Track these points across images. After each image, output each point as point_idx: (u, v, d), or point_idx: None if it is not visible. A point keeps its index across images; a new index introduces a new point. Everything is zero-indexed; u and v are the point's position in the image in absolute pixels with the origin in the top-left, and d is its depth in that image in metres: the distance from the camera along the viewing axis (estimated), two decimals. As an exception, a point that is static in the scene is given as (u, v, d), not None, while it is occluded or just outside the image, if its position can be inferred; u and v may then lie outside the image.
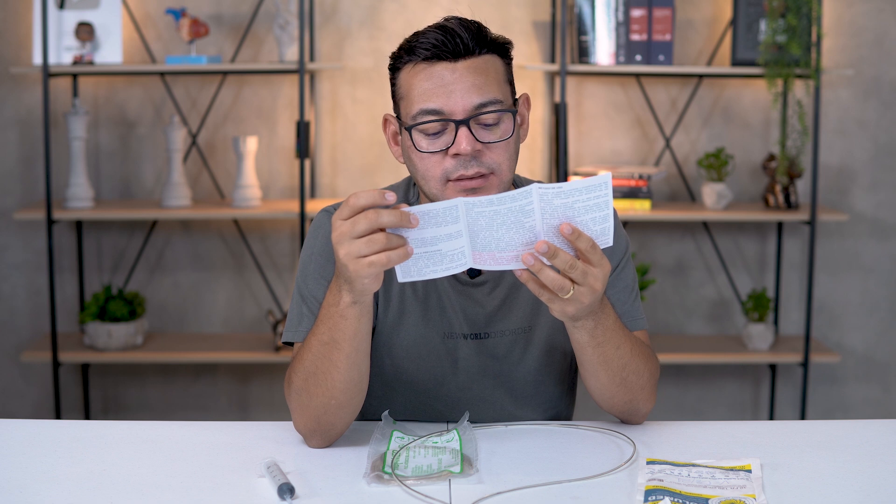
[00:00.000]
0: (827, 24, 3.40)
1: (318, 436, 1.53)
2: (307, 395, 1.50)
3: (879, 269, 3.59)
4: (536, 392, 1.68)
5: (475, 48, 1.55)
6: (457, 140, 1.52)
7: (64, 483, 1.38)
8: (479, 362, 1.66)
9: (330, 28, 3.47)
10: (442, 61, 1.53)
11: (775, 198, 3.35)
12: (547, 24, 3.45)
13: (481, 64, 1.55)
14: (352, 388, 1.50)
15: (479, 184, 1.53)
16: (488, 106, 1.53)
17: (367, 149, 3.49)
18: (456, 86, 1.52)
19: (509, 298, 1.66)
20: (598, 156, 3.51)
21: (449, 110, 1.52)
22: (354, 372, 1.49)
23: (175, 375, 3.58)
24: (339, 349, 1.46)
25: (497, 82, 1.56)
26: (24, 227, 3.49)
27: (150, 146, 3.49)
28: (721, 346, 3.46)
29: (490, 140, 1.54)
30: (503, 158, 1.55)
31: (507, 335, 1.66)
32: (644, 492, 1.34)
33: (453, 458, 1.44)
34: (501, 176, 1.55)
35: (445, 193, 1.54)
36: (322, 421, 1.51)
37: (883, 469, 1.46)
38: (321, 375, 1.48)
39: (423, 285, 1.64)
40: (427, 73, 1.54)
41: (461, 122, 1.52)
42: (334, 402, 1.50)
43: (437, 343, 1.65)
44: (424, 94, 1.53)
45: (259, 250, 3.53)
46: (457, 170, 1.53)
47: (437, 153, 1.54)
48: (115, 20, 3.31)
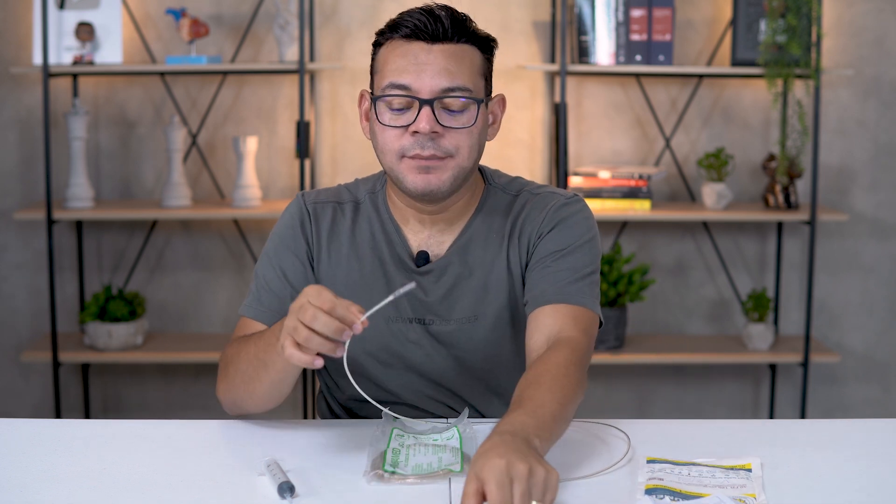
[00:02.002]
0: (827, 24, 3.40)
1: (232, 410, 1.64)
2: (233, 384, 1.60)
3: (879, 269, 3.59)
4: (486, 382, 1.71)
5: (453, 35, 1.59)
6: (418, 118, 1.56)
7: (64, 482, 1.38)
8: (429, 346, 1.68)
9: (330, 28, 3.47)
10: (419, 41, 1.58)
11: (775, 198, 3.35)
12: (547, 24, 3.45)
13: (457, 51, 1.59)
14: (272, 397, 1.58)
15: (433, 163, 1.58)
16: (455, 91, 1.57)
17: (367, 149, 3.48)
18: (427, 67, 1.57)
19: (455, 288, 1.67)
20: (598, 156, 3.51)
21: (416, 88, 1.57)
22: (275, 392, 1.57)
23: (175, 375, 3.58)
24: (266, 371, 1.53)
25: (470, 72, 1.60)
26: (24, 227, 3.49)
27: (150, 146, 3.49)
28: (721, 346, 3.46)
29: (451, 125, 1.58)
30: (463, 145, 1.59)
31: (451, 323, 1.68)
32: (644, 490, 1.34)
33: (453, 457, 1.44)
34: (460, 160, 1.59)
35: (401, 168, 1.59)
36: (239, 405, 1.62)
37: (883, 469, 1.46)
38: (247, 379, 1.57)
39: (370, 270, 1.68)
40: (403, 49, 1.59)
41: (425, 102, 1.56)
42: (252, 400, 1.59)
43: (383, 326, 1.67)
44: (396, 70, 1.58)
45: (259, 250, 3.53)
46: (413, 148, 1.58)
47: (398, 128, 1.59)
48: (115, 20, 3.31)
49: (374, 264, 1.69)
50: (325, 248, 1.70)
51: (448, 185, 1.60)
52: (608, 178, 3.32)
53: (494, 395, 1.73)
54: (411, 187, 1.59)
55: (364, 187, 1.75)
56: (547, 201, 1.69)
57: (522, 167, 3.44)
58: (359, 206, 1.73)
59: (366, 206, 1.72)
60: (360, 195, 1.74)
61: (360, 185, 1.76)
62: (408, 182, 1.59)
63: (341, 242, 1.70)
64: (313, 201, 1.73)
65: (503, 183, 1.74)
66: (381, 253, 1.69)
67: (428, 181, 1.58)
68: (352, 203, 1.73)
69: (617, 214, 3.28)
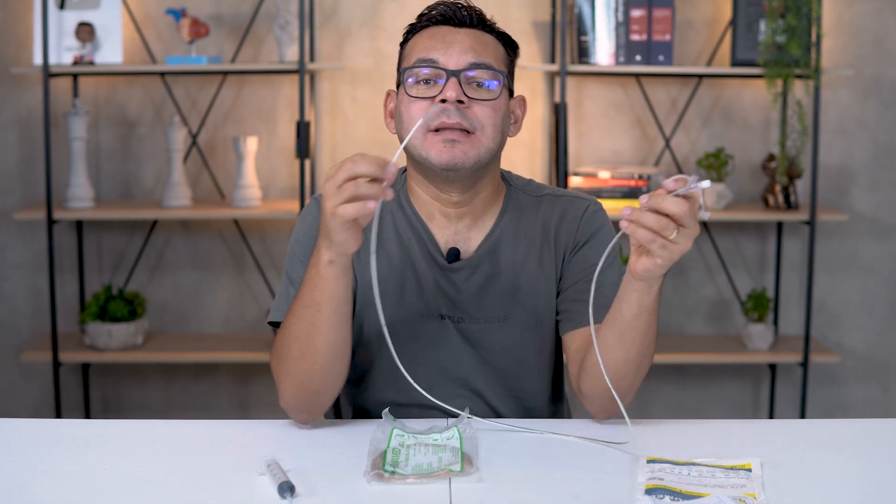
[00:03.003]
0: (827, 24, 3.40)
1: (304, 406, 1.57)
2: (291, 361, 1.54)
3: (879, 269, 3.59)
4: (510, 384, 1.71)
5: (479, 24, 1.66)
6: (445, 87, 1.59)
7: (64, 483, 1.38)
8: (457, 344, 1.68)
9: (330, 28, 3.47)
10: (447, 25, 1.65)
11: (775, 198, 3.35)
12: (547, 24, 3.45)
13: (483, 37, 1.66)
14: (334, 351, 1.53)
15: (459, 136, 1.59)
16: (482, 66, 1.61)
17: (367, 149, 3.48)
18: (455, 45, 1.62)
19: (486, 287, 1.68)
20: (598, 156, 3.51)
21: (444, 62, 1.61)
22: (334, 334, 1.52)
23: (175, 375, 3.58)
24: (319, 311, 1.49)
25: (495, 56, 1.65)
26: (24, 227, 3.49)
27: (150, 146, 3.49)
28: (721, 346, 3.46)
29: (477, 97, 1.60)
30: (488, 121, 1.61)
31: (481, 322, 1.68)
32: (644, 490, 1.34)
33: (454, 457, 1.44)
34: (483, 138, 1.61)
35: (425, 144, 1.60)
36: (307, 388, 1.55)
37: (883, 469, 1.46)
38: (304, 339, 1.52)
39: (399, 265, 1.68)
40: (431, 31, 1.65)
41: (452, 73, 1.60)
42: (318, 366, 1.53)
43: (415, 323, 1.67)
44: (425, 48, 1.63)
45: (259, 250, 3.53)
46: (439, 117, 1.58)
47: (425, 100, 1.61)
48: (115, 20, 3.31)
49: (403, 261, 1.68)
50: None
51: (472, 161, 1.60)
52: (608, 178, 3.32)
53: (515, 398, 1.72)
54: (436, 161, 1.59)
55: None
56: (577, 208, 1.72)
57: (522, 167, 3.44)
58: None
59: (387, 205, 1.71)
60: None
61: None
62: (432, 156, 1.59)
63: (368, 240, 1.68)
64: None
65: (522, 185, 1.75)
66: (410, 249, 1.69)
67: (453, 154, 1.59)
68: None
69: (617, 214, 3.27)
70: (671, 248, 1.42)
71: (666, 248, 1.42)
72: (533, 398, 1.74)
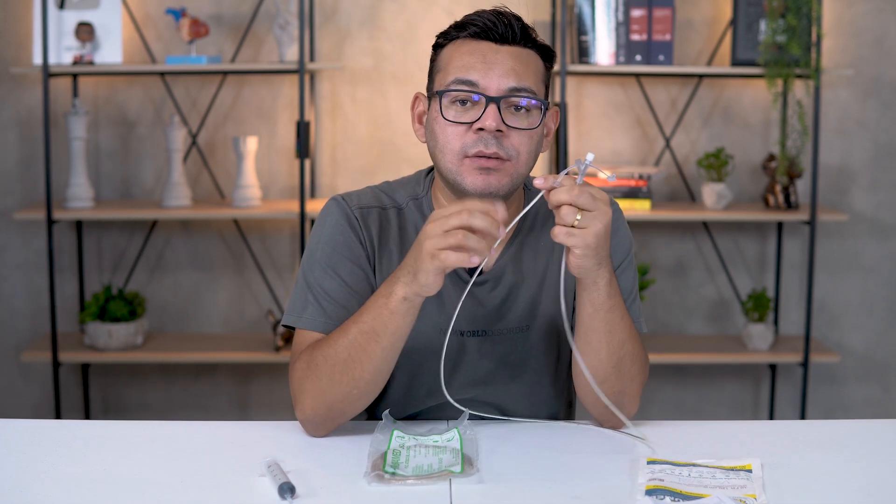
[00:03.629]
0: (827, 24, 3.40)
1: (323, 422, 1.54)
2: (327, 380, 1.51)
3: (879, 269, 3.59)
4: (532, 391, 1.68)
5: (521, 39, 1.59)
6: (484, 115, 1.54)
7: (64, 483, 1.38)
8: (475, 360, 1.66)
9: (330, 28, 3.47)
10: (487, 41, 1.58)
11: (775, 198, 3.35)
12: (547, 24, 3.45)
13: (523, 55, 1.59)
14: (377, 380, 1.52)
15: (495, 165, 1.56)
16: (522, 92, 1.56)
17: (367, 149, 3.49)
18: (496, 65, 1.56)
19: (509, 298, 1.66)
20: (599, 156, 3.51)
21: (484, 85, 1.56)
22: (385, 365, 1.51)
23: (175, 375, 3.58)
24: (377, 341, 1.48)
25: (535, 76, 1.59)
26: (24, 227, 3.49)
27: (150, 146, 3.49)
28: (721, 346, 3.46)
29: (516, 125, 1.56)
30: (524, 149, 1.57)
31: (504, 334, 1.66)
32: (644, 491, 1.34)
33: (454, 458, 1.44)
34: (518, 166, 1.58)
35: (461, 169, 1.57)
36: (335, 408, 1.53)
37: (883, 469, 1.46)
38: (352, 364, 1.49)
39: None
40: (471, 47, 1.58)
41: (492, 99, 1.55)
42: (356, 391, 1.51)
43: (434, 338, 1.64)
44: (464, 66, 1.57)
45: (259, 250, 3.53)
46: (476, 145, 1.55)
47: (462, 125, 1.56)
48: (115, 20, 3.30)
49: None
50: (378, 255, 1.65)
51: (506, 189, 1.57)
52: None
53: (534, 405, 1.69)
54: (471, 188, 1.56)
55: (403, 192, 1.70)
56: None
57: (522, 167, 3.44)
58: (402, 212, 1.68)
59: (410, 212, 1.68)
60: (400, 200, 1.69)
61: (396, 190, 1.71)
62: (467, 183, 1.56)
63: (391, 249, 1.65)
64: (358, 206, 1.66)
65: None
66: None
67: (488, 182, 1.56)
68: (394, 209, 1.68)
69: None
70: (578, 233, 1.42)
71: (573, 234, 1.42)
72: (551, 404, 1.72)
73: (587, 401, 1.62)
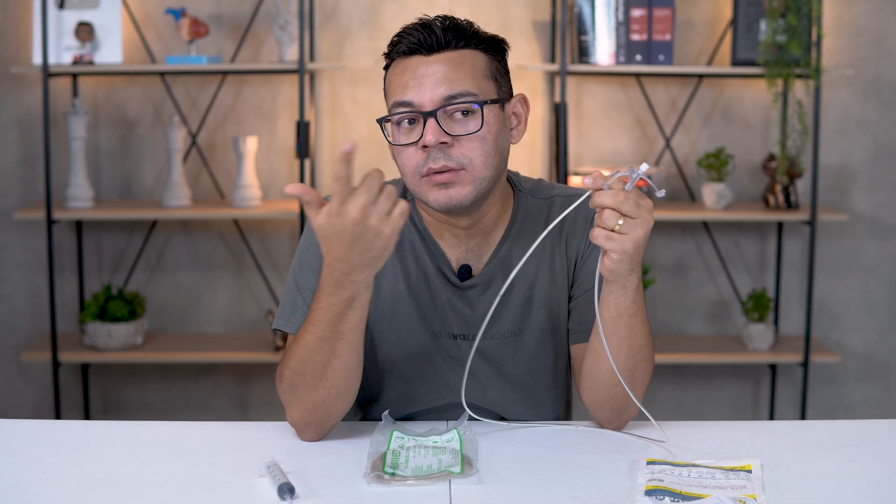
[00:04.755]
0: (827, 24, 3.40)
1: (313, 428, 1.53)
2: (305, 388, 1.50)
3: (879, 269, 3.59)
4: (526, 394, 1.68)
5: (451, 41, 1.57)
6: (424, 132, 1.53)
7: (64, 483, 1.38)
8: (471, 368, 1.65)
9: (330, 28, 3.47)
10: (417, 55, 1.57)
11: (775, 198, 3.35)
12: (547, 24, 3.45)
13: (456, 58, 1.56)
14: (351, 375, 1.50)
15: (448, 178, 1.54)
16: (458, 98, 1.54)
17: (367, 149, 3.48)
18: (427, 79, 1.55)
19: (500, 302, 1.65)
20: (599, 156, 3.51)
21: (419, 102, 1.54)
22: (355, 359, 1.50)
23: (175, 375, 3.58)
24: (343, 339, 1.46)
25: (472, 76, 1.56)
26: (24, 227, 3.49)
27: (150, 146, 3.49)
28: (721, 346, 3.46)
29: (461, 132, 1.54)
30: (476, 153, 1.55)
31: (496, 338, 1.65)
32: (644, 491, 1.34)
33: (453, 458, 1.44)
34: (476, 171, 1.55)
35: (421, 188, 1.56)
36: (319, 412, 1.52)
37: (883, 469, 1.45)
38: (321, 368, 1.48)
39: (416, 281, 1.65)
40: (402, 66, 1.58)
41: (428, 114, 1.53)
42: (334, 391, 1.50)
43: (428, 341, 1.65)
44: (399, 88, 1.56)
45: (259, 250, 3.53)
46: (426, 163, 1.54)
47: (410, 146, 1.55)
48: (115, 20, 3.30)
49: (418, 275, 1.65)
50: None
51: (471, 198, 1.56)
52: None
53: (531, 408, 1.69)
54: (435, 205, 1.56)
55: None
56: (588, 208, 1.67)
57: (523, 167, 3.44)
58: None
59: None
60: None
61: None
62: (431, 200, 1.56)
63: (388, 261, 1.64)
64: None
65: (530, 187, 1.71)
66: (424, 264, 1.65)
67: (449, 196, 1.55)
68: None
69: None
70: (618, 238, 1.42)
71: (612, 238, 1.42)
72: (548, 407, 1.71)
73: (594, 403, 1.60)
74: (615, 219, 1.41)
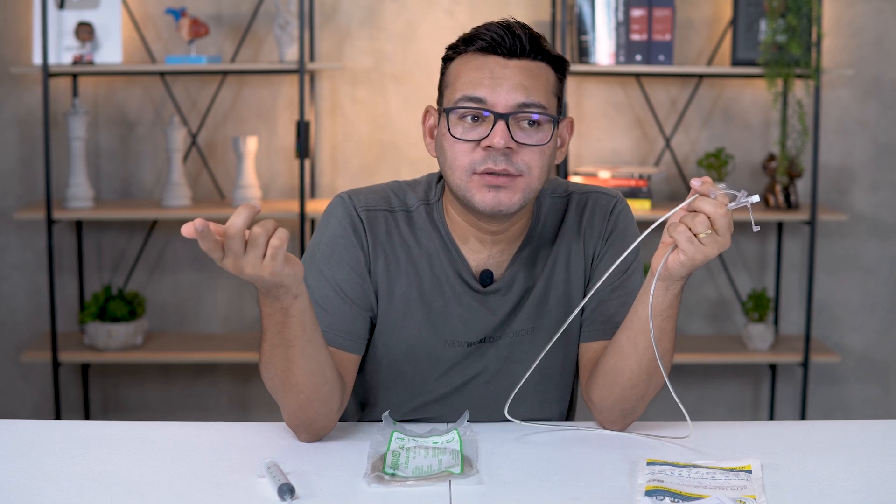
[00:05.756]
0: (827, 24, 3.40)
1: (303, 429, 1.54)
2: (279, 395, 1.51)
3: (879, 269, 3.59)
4: (535, 392, 1.67)
5: (531, 52, 1.56)
6: (492, 132, 1.52)
7: (64, 483, 1.38)
8: (480, 366, 1.65)
9: (330, 28, 3.47)
10: (495, 55, 1.55)
11: (775, 198, 3.35)
12: (547, 24, 3.45)
13: (533, 68, 1.56)
14: (315, 381, 1.48)
15: (504, 182, 1.53)
16: (531, 108, 1.54)
17: (367, 149, 3.49)
18: (504, 81, 1.54)
19: (520, 302, 1.65)
20: (599, 156, 3.51)
21: (492, 102, 1.53)
22: (313, 363, 1.47)
23: (175, 375, 3.58)
24: (292, 346, 1.44)
25: (545, 90, 1.56)
26: (24, 227, 3.49)
27: (150, 146, 3.49)
28: (721, 346, 3.46)
29: (526, 142, 1.54)
30: (535, 164, 1.55)
31: (510, 337, 1.65)
32: (644, 492, 1.33)
33: (453, 459, 1.44)
34: (530, 180, 1.55)
35: (470, 186, 1.54)
36: (300, 416, 1.51)
37: (883, 469, 1.45)
38: (283, 376, 1.47)
39: (429, 287, 1.63)
40: (478, 62, 1.56)
41: (501, 116, 1.53)
42: (302, 396, 1.49)
43: (438, 348, 1.64)
44: (472, 82, 1.55)
45: (259, 250, 3.52)
46: (485, 162, 1.53)
47: (470, 142, 1.54)
48: (115, 20, 3.30)
49: (432, 281, 1.63)
50: (383, 261, 1.62)
51: (517, 206, 1.55)
52: (608, 178, 3.32)
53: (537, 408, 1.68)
54: (480, 206, 1.54)
55: (414, 195, 1.67)
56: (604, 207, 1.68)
57: (522, 167, 3.44)
58: (411, 216, 1.65)
59: (420, 216, 1.65)
60: (410, 203, 1.66)
61: (407, 192, 1.67)
62: (476, 200, 1.54)
63: (398, 255, 1.63)
64: (364, 208, 1.63)
65: (546, 186, 1.70)
66: (440, 270, 1.64)
67: (498, 200, 1.53)
68: (403, 212, 1.65)
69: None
70: (698, 247, 1.42)
71: (692, 243, 1.42)
72: (554, 405, 1.71)
73: (605, 402, 1.59)
74: (705, 227, 1.42)
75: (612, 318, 1.64)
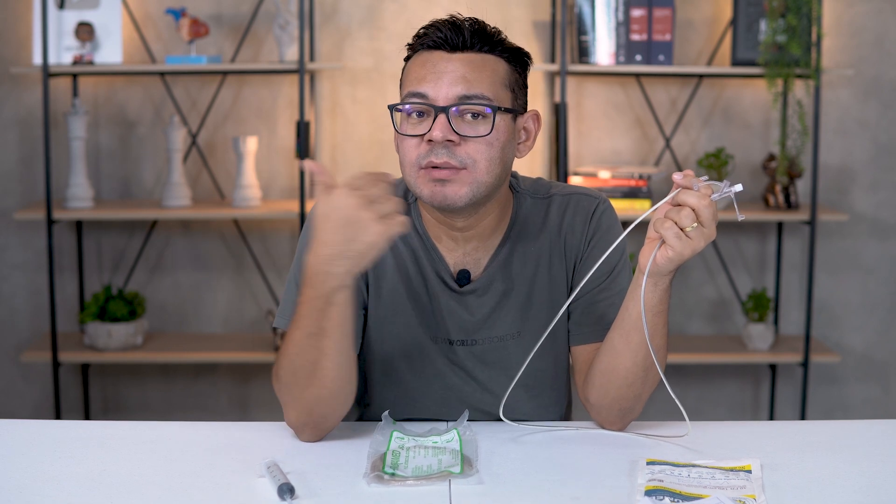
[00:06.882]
0: (827, 24, 3.40)
1: (311, 428, 1.53)
2: (298, 388, 1.50)
3: (879, 269, 3.59)
4: (529, 396, 1.67)
5: (476, 43, 1.57)
6: (433, 126, 1.53)
7: (64, 483, 1.38)
8: (469, 367, 1.66)
9: (330, 28, 3.47)
10: (440, 50, 1.56)
11: (775, 198, 3.35)
12: (547, 24, 3.45)
13: (477, 60, 1.57)
14: (343, 376, 1.50)
15: (446, 175, 1.54)
16: (473, 99, 1.54)
17: (367, 149, 3.49)
18: (445, 75, 1.54)
19: (499, 305, 1.65)
20: (599, 156, 3.51)
21: (433, 96, 1.54)
22: (344, 358, 1.49)
23: (175, 375, 3.58)
24: (328, 337, 1.45)
25: (491, 81, 1.56)
26: (24, 227, 3.49)
27: (150, 146, 3.49)
28: (721, 346, 3.46)
29: (469, 134, 1.54)
30: (481, 156, 1.54)
31: (494, 341, 1.65)
32: (644, 492, 1.34)
33: (453, 459, 1.44)
34: (477, 174, 1.54)
35: (418, 181, 1.56)
36: (314, 413, 1.51)
37: (883, 469, 1.45)
38: (311, 367, 1.48)
39: (416, 285, 1.65)
40: (423, 59, 1.57)
41: (441, 109, 1.53)
42: (326, 391, 1.49)
43: (428, 344, 1.65)
44: (416, 79, 1.56)
45: (259, 250, 3.53)
46: (428, 156, 1.54)
47: (415, 137, 1.55)
48: (115, 20, 3.30)
49: (418, 279, 1.65)
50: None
51: (466, 199, 1.54)
52: (608, 178, 3.32)
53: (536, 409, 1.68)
54: (427, 199, 1.55)
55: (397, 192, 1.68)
56: (586, 209, 1.68)
57: (523, 167, 3.43)
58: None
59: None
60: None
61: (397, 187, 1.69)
62: (424, 195, 1.55)
63: (385, 253, 1.63)
64: None
65: (528, 187, 1.70)
66: (423, 268, 1.65)
67: (444, 194, 1.54)
68: None
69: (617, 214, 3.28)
70: (685, 241, 1.42)
71: (680, 238, 1.42)
72: (551, 408, 1.71)
73: (602, 402, 1.59)
74: (691, 220, 1.41)
75: (603, 319, 1.64)
